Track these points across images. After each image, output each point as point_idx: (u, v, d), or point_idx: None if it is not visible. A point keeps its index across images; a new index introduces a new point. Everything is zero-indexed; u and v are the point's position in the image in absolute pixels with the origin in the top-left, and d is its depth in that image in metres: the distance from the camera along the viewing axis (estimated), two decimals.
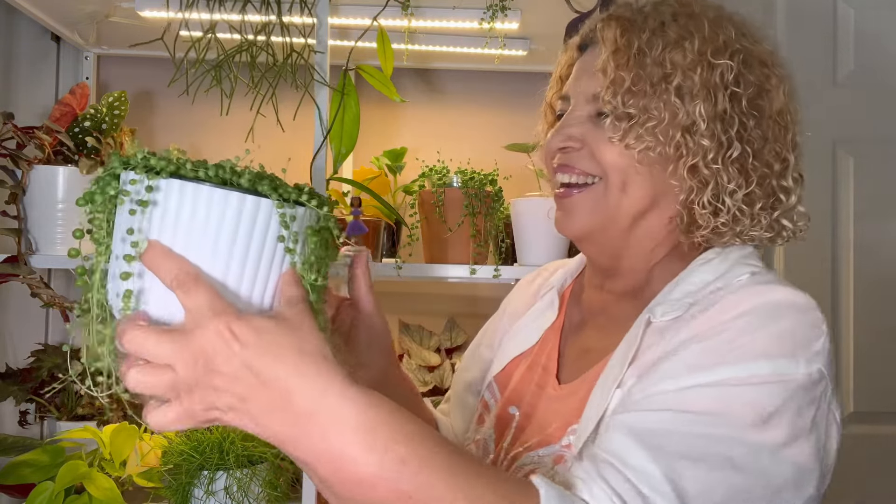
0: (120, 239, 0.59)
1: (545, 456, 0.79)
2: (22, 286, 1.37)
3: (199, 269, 0.58)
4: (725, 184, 0.77)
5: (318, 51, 1.39)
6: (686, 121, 0.77)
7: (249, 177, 0.60)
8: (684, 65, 0.77)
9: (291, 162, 1.78)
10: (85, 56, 1.78)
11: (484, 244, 1.50)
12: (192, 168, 0.59)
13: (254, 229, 0.59)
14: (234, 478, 1.31)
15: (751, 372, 0.67)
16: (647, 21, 0.80)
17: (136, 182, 0.58)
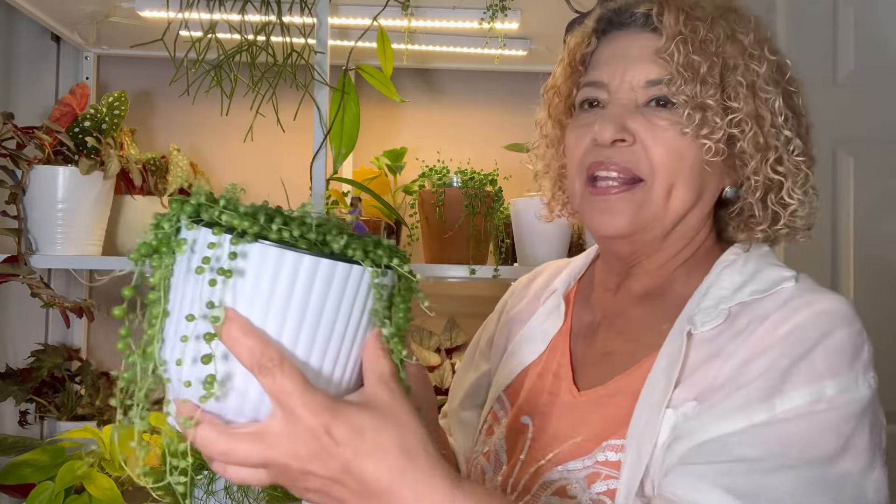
0: (190, 311, 0.51)
1: (575, 470, 0.75)
2: (22, 286, 1.37)
3: (281, 345, 0.51)
4: (797, 177, 0.78)
5: (319, 51, 1.39)
6: (756, 113, 0.75)
7: (343, 242, 0.53)
8: (745, 57, 0.76)
9: (291, 162, 1.78)
10: (85, 56, 1.78)
11: (484, 244, 1.50)
12: (278, 228, 0.51)
13: (342, 299, 0.53)
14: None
15: (818, 395, 0.66)
16: (696, 10, 0.77)
17: (215, 245, 0.50)
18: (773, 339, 0.69)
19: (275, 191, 1.75)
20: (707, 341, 0.73)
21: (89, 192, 1.43)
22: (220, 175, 1.83)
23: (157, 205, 1.53)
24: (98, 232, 1.47)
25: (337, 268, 0.52)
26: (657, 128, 0.76)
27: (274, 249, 0.51)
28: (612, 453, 0.73)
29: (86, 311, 1.41)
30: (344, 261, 0.52)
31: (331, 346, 0.53)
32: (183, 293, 0.52)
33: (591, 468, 0.74)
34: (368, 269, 0.53)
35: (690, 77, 0.74)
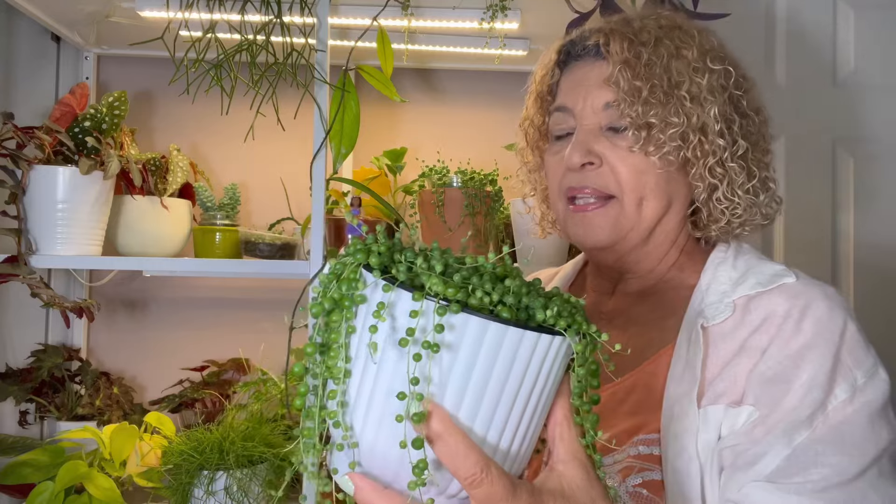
0: (386, 384, 0.47)
1: (607, 466, 0.78)
2: (22, 286, 1.37)
3: (478, 434, 0.48)
4: (735, 178, 0.83)
5: (319, 49, 1.39)
6: (699, 123, 0.81)
7: (551, 312, 0.48)
8: (688, 71, 0.82)
9: (291, 162, 1.78)
10: (85, 56, 1.78)
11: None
12: (481, 294, 0.47)
13: (540, 371, 0.49)
14: (234, 478, 1.31)
15: (853, 387, 0.72)
16: (642, 33, 0.84)
17: (418, 314, 0.46)
18: (805, 339, 0.74)
19: (275, 191, 1.76)
20: (725, 335, 0.78)
21: (89, 192, 1.43)
22: (220, 175, 1.83)
23: (158, 205, 1.53)
24: (98, 232, 1.47)
25: (540, 340, 0.48)
26: (619, 149, 0.83)
27: (477, 320, 0.46)
28: (645, 447, 0.76)
29: (86, 311, 1.41)
30: (547, 332, 0.48)
31: (522, 424, 0.50)
32: (370, 358, 0.48)
33: (623, 463, 0.77)
34: (570, 340, 0.49)
35: (633, 101, 0.81)
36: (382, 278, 0.47)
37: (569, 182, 0.85)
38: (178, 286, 1.83)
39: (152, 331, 1.83)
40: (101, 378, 1.65)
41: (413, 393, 0.46)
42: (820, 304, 0.76)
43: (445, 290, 0.46)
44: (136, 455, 1.40)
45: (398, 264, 0.48)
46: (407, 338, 0.46)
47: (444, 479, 0.50)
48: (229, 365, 1.71)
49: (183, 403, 1.63)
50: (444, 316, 0.46)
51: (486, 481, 0.48)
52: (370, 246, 0.49)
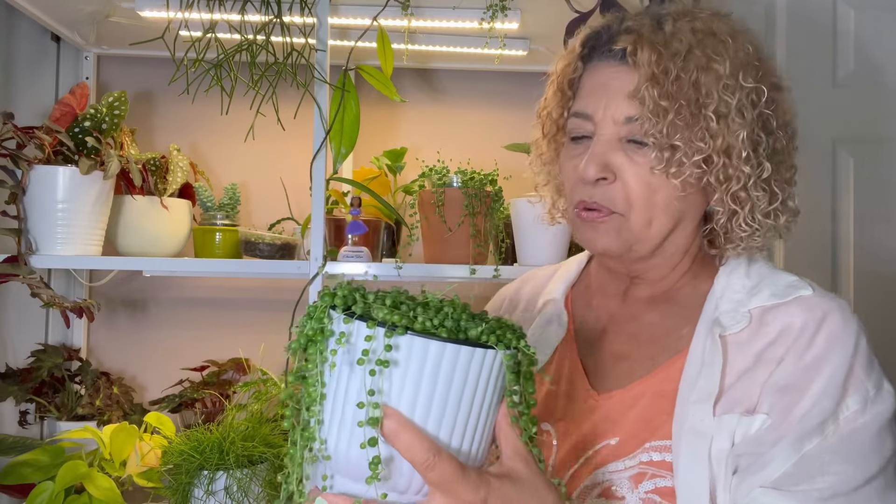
0: (354, 397, 0.57)
1: (618, 472, 0.77)
2: (22, 286, 1.37)
3: (427, 429, 0.58)
4: (757, 203, 0.80)
5: (319, 49, 1.39)
6: (724, 146, 0.78)
7: (480, 329, 0.59)
8: (718, 88, 0.77)
9: (291, 162, 1.78)
10: (85, 56, 1.78)
11: (484, 244, 1.49)
12: (422, 319, 0.58)
13: (479, 380, 0.59)
14: (234, 478, 1.31)
15: (865, 399, 0.73)
16: (672, 42, 0.79)
17: (371, 338, 0.57)
18: (819, 351, 0.75)
19: (275, 191, 1.76)
20: (741, 344, 0.78)
21: (89, 192, 1.43)
22: (220, 175, 1.83)
23: (157, 205, 1.53)
24: (98, 232, 1.47)
25: (475, 353, 0.58)
26: (636, 165, 0.80)
27: (420, 340, 0.57)
28: (657, 454, 0.76)
29: (86, 311, 1.41)
30: (480, 346, 0.58)
31: (469, 425, 0.59)
32: (338, 380, 0.58)
33: (635, 468, 0.77)
34: (502, 352, 0.59)
35: (658, 120, 0.77)
36: (343, 313, 0.58)
37: (580, 195, 0.82)
38: (178, 286, 1.83)
39: (152, 331, 1.83)
40: (101, 378, 1.65)
41: (370, 402, 0.56)
42: (835, 316, 0.77)
43: (392, 318, 0.57)
44: (136, 455, 1.40)
45: (357, 302, 0.59)
46: (363, 357, 0.56)
47: (400, 478, 0.58)
48: (229, 365, 1.71)
49: (183, 403, 1.63)
50: (392, 338, 0.56)
51: (439, 465, 0.57)
52: (336, 290, 0.60)
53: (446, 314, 0.59)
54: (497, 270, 1.45)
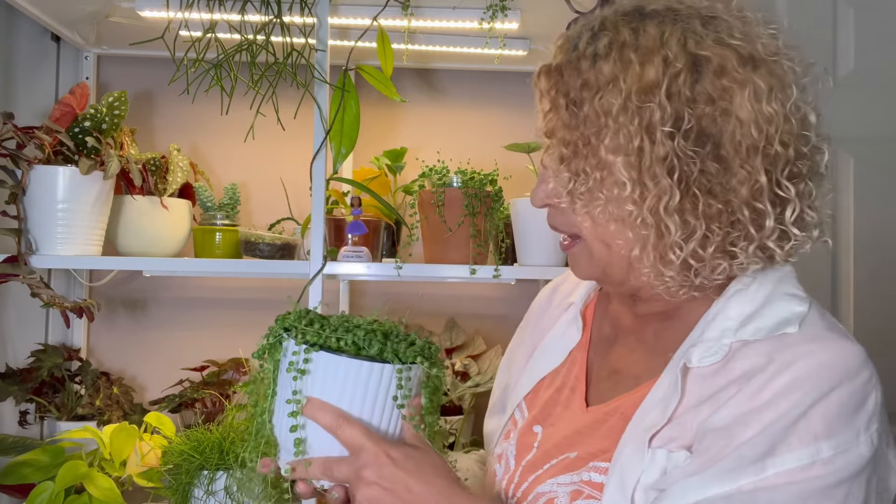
0: (286, 395, 0.77)
1: (564, 485, 0.77)
2: (22, 286, 1.37)
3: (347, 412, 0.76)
4: (670, 236, 0.70)
5: (319, 49, 1.39)
6: (619, 178, 0.70)
7: (378, 347, 0.77)
8: (614, 113, 0.70)
9: (291, 162, 1.78)
10: (85, 56, 1.78)
11: (484, 244, 1.49)
12: (336, 339, 0.77)
13: (379, 387, 0.76)
14: (234, 478, 1.31)
15: (812, 458, 0.64)
16: (580, 63, 0.73)
17: (297, 353, 0.76)
18: (770, 395, 0.67)
19: (275, 191, 1.76)
20: (704, 378, 0.72)
21: (89, 192, 1.43)
22: (220, 175, 1.83)
23: (157, 205, 1.53)
24: (98, 232, 1.47)
25: (374, 368, 0.76)
26: None
27: (325, 355, 0.76)
28: (597, 474, 0.75)
29: (86, 311, 1.41)
30: (380, 362, 0.76)
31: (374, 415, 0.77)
32: (282, 382, 0.78)
33: (576, 485, 0.76)
34: (396, 367, 0.76)
35: (552, 154, 0.75)
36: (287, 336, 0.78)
37: (547, 218, 0.81)
38: (178, 286, 1.83)
39: (152, 331, 1.83)
40: (101, 378, 1.65)
41: (293, 399, 0.76)
42: (808, 360, 0.67)
43: (306, 338, 0.77)
44: (136, 455, 1.40)
45: (295, 328, 0.78)
46: (291, 366, 0.77)
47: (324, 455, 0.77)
48: (229, 365, 1.71)
49: (183, 403, 1.63)
50: (309, 353, 0.76)
51: (345, 425, 0.74)
52: (286, 318, 0.80)
53: (355, 335, 0.77)
54: (497, 270, 1.45)
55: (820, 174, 0.77)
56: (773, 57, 0.72)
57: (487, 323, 1.86)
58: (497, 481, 0.87)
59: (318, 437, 0.76)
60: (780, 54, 0.73)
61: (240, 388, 1.59)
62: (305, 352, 0.76)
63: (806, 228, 0.75)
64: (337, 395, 0.76)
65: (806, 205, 0.75)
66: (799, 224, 0.74)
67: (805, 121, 0.75)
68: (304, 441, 0.77)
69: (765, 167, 0.70)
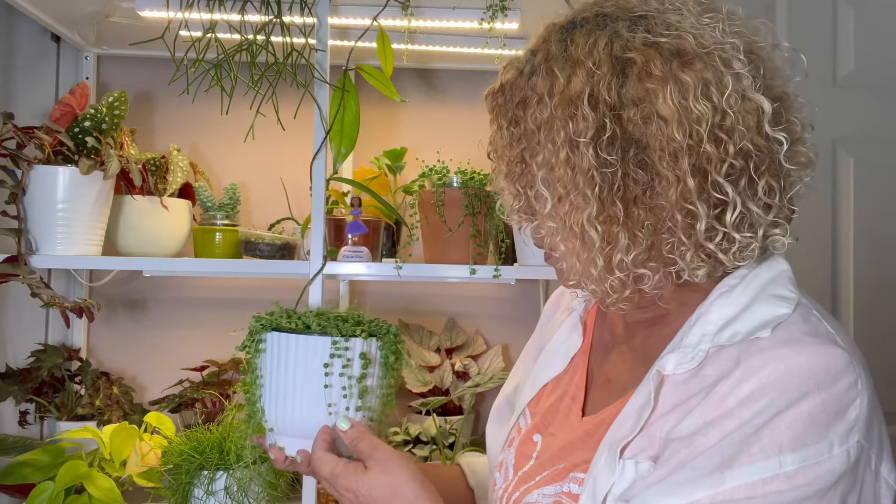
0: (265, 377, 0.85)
1: (549, 496, 0.77)
2: (22, 286, 1.37)
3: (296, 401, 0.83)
4: (594, 246, 0.69)
5: (319, 49, 1.39)
6: (547, 192, 0.70)
7: (322, 326, 0.83)
8: (542, 127, 0.69)
9: (291, 162, 1.78)
10: (85, 56, 1.78)
11: (484, 244, 1.49)
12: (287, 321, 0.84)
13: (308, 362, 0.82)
14: (234, 478, 1.31)
15: (774, 471, 0.60)
16: (518, 80, 0.73)
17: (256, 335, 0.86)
18: (733, 403, 0.63)
19: (275, 191, 1.76)
20: (679, 385, 0.69)
21: (89, 192, 1.43)
22: (220, 175, 1.83)
23: (158, 205, 1.53)
24: (98, 232, 1.47)
25: (311, 340, 0.82)
26: None
27: (278, 335, 0.83)
28: (575, 485, 0.74)
29: (86, 311, 1.41)
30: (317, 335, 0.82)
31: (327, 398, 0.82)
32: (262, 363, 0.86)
33: (557, 496, 0.76)
34: (333, 338, 0.81)
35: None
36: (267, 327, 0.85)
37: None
38: (178, 286, 1.83)
39: (152, 331, 1.83)
40: (101, 378, 1.65)
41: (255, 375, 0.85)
42: (777, 367, 0.63)
43: (261, 323, 0.85)
44: (136, 455, 1.40)
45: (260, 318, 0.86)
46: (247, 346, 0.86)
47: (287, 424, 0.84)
48: (229, 365, 1.71)
49: (183, 403, 1.63)
50: (262, 334, 0.84)
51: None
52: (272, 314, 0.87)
53: (305, 318, 0.83)
54: (497, 270, 1.45)
55: (786, 168, 0.69)
56: (705, 49, 0.67)
57: (487, 323, 1.86)
58: (496, 489, 0.87)
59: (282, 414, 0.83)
60: (717, 44, 0.67)
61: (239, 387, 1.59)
62: (259, 332, 0.84)
63: (752, 229, 0.69)
64: (285, 369, 0.82)
65: (758, 203, 0.68)
66: (742, 226, 0.68)
67: (754, 112, 0.67)
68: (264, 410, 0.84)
69: (694, 168, 0.65)
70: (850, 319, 1.88)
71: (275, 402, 0.83)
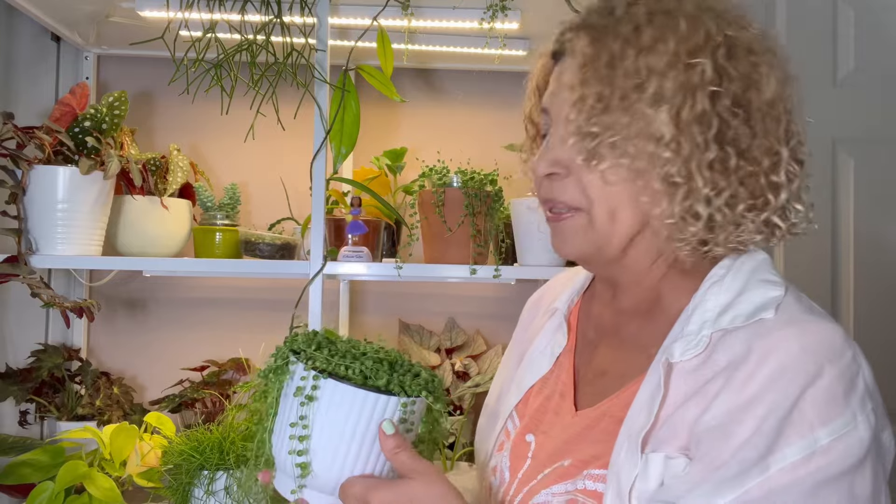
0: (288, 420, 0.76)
1: (559, 494, 0.76)
2: (22, 286, 1.37)
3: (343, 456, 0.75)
4: (701, 189, 0.71)
5: (319, 49, 1.39)
6: (657, 130, 0.71)
7: (386, 379, 0.76)
8: (659, 69, 0.71)
9: (291, 162, 1.78)
10: (85, 56, 1.78)
11: (484, 244, 1.49)
12: (345, 367, 0.76)
13: (382, 418, 0.75)
14: (234, 478, 1.31)
15: (811, 449, 0.63)
16: (619, 26, 0.74)
17: (305, 378, 0.75)
18: (756, 387, 0.66)
19: (275, 191, 1.76)
20: (688, 373, 0.71)
21: (89, 192, 1.43)
22: (220, 175, 1.83)
23: (158, 205, 1.53)
24: (98, 232, 1.47)
25: (380, 399, 0.75)
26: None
27: (332, 383, 0.74)
28: (591, 482, 0.73)
29: (86, 311, 1.41)
30: (386, 393, 0.75)
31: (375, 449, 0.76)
32: (284, 404, 0.78)
33: (571, 494, 0.75)
34: (402, 400, 0.76)
35: (582, 108, 0.74)
36: (296, 360, 0.77)
37: (540, 192, 0.80)
38: (178, 286, 1.83)
39: (152, 331, 1.83)
40: (101, 378, 1.65)
41: (300, 423, 0.75)
42: (790, 346, 0.67)
43: (315, 364, 0.75)
44: (136, 455, 1.40)
45: (304, 353, 0.77)
46: (299, 391, 0.75)
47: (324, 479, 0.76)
48: (229, 365, 1.71)
49: (183, 403, 1.63)
50: (318, 380, 0.75)
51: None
52: (295, 341, 0.79)
53: (363, 364, 0.76)
54: (497, 270, 1.45)
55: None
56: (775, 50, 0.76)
57: (487, 323, 1.86)
58: (493, 494, 0.86)
59: (323, 468, 0.75)
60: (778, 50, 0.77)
61: (239, 388, 1.59)
62: (314, 378, 0.74)
63: (806, 207, 0.77)
64: (341, 423, 0.74)
65: (804, 185, 0.77)
66: (800, 202, 0.76)
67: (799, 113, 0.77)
68: (308, 465, 0.75)
69: (785, 135, 0.74)
70: (850, 319, 1.88)
71: (322, 457, 0.74)
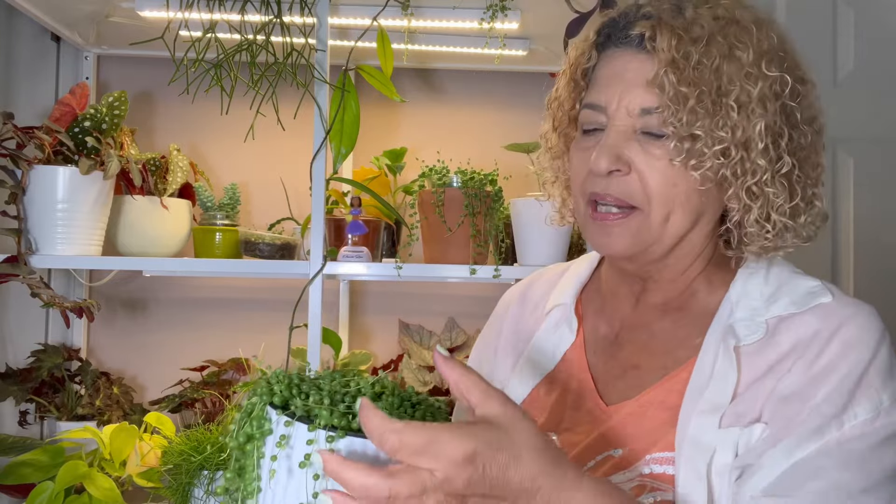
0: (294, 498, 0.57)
1: (620, 483, 0.75)
2: (22, 286, 1.37)
3: None
4: (774, 200, 0.76)
5: (319, 49, 1.39)
6: (743, 138, 0.74)
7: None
8: (740, 77, 0.74)
9: (291, 162, 1.78)
10: (85, 56, 1.78)
11: (484, 244, 1.49)
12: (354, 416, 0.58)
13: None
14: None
15: (877, 409, 0.71)
16: (693, 27, 0.75)
17: (313, 442, 0.56)
18: (829, 359, 0.73)
19: (275, 191, 1.76)
20: (752, 355, 0.76)
21: (89, 192, 1.43)
22: (220, 175, 1.83)
23: (157, 205, 1.53)
24: (98, 232, 1.47)
25: None
26: (652, 157, 0.76)
27: (360, 441, 0.56)
28: (658, 466, 0.75)
29: (86, 311, 1.41)
30: None
31: None
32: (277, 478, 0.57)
33: (635, 481, 0.75)
34: None
35: (678, 108, 0.73)
36: (284, 414, 0.57)
37: (592, 187, 0.78)
38: (178, 286, 1.83)
39: (152, 331, 1.83)
40: (101, 378, 1.65)
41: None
42: (853, 323, 0.74)
43: (331, 420, 0.56)
44: (136, 455, 1.40)
45: (296, 399, 0.58)
46: (305, 462, 0.56)
47: None
48: (229, 365, 1.71)
49: (183, 403, 1.63)
50: (333, 442, 0.56)
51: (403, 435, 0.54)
52: (273, 386, 0.59)
53: (383, 408, 0.59)
54: (497, 270, 1.45)
55: None
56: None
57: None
58: None
59: None
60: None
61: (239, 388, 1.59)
62: (329, 440, 0.56)
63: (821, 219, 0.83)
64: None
65: None
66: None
67: None
68: None
69: (822, 154, 0.83)
70: None
71: None
